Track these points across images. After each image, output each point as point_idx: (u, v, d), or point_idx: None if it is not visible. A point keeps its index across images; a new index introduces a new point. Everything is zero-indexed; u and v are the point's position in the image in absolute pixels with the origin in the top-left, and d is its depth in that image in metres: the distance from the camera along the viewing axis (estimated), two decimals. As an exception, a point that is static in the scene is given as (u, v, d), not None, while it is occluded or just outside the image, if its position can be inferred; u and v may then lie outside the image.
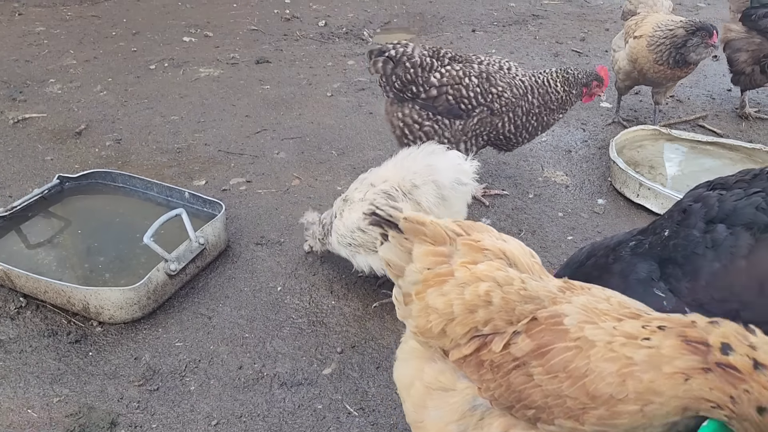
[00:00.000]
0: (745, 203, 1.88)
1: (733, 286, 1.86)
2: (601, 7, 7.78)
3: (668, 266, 1.98)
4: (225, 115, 4.99)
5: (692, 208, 2.00)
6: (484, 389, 1.71)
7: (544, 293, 1.70)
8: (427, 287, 1.77)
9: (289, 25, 6.94)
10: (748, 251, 1.83)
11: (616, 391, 1.51)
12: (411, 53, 3.65)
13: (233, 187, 4.10)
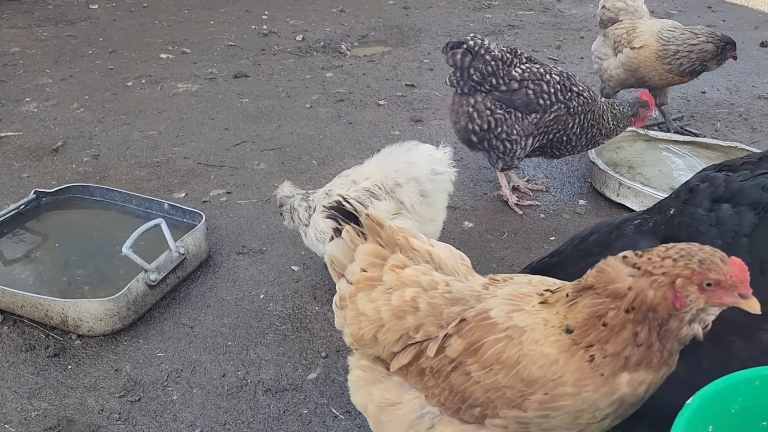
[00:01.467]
0: (751, 183, 1.86)
1: None
2: (575, 17, 7.90)
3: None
4: (204, 129, 4.97)
5: (699, 187, 1.98)
6: (430, 396, 1.72)
7: (468, 293, 1.71)
8: (359, 291, 1.78)
9: (267, 41, 6.95)
10: (751, 230, 1.82)
11: (549, 372, 1.51)
12: (490, 47, 3.70)
13: (213, 198, 4.07)
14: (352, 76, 6.04)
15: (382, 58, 6.56)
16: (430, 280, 1.73)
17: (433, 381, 1.69)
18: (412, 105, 5.45)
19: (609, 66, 4.76)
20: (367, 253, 1.80)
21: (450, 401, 1.68)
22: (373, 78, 6.01)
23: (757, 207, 1.83)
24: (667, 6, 8.10)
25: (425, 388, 1.72)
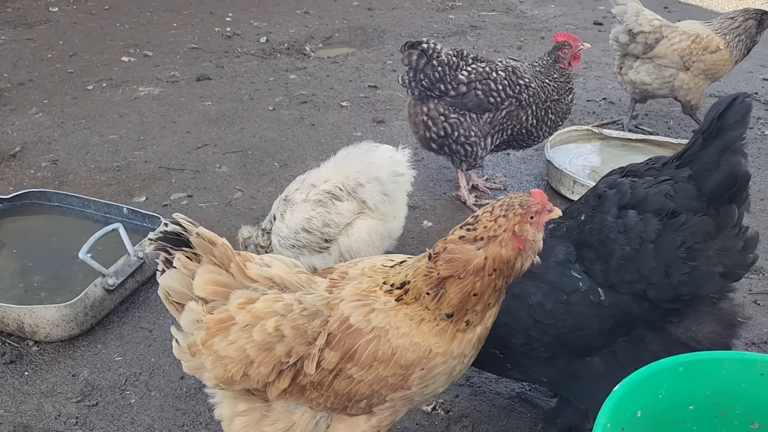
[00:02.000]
0: (655, 191, 1.96)
1: (641, 269, 1.95)
2: (536, 17, 8.03)
3: (584, 249, 2.06)
4: (165, 132, 4.96)
5: (606, 194, 2.08)
6: (315, 405, 1.82)
7: (320, 303, 1.79)
8: (212, 336, 1.73)
9: (231, 43, 6.95)
10: (656, 236, 1.92)
11: (422, 352, 1.76)
12: (439, 52, 3.72)
13: (174, 202, 4.07)
14: (316, 78, 6.08)
15: (345, 59, 6.61)
16: (285, 305, 1.75)
17: (316, 393, 1.79)
18: (374, 106, 5.51)
19: (684, 81, 4.62)
20: (206, 282, 1.71)
21: (336, 404, 1.81)
22: (336, 79, 6.06)
23: (661, 213, 1.93)
24: (626, 6, 8.27)
25: (308, 400, 1.81)
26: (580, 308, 2.02)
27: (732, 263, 1.95)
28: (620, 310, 2.00)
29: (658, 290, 1.94)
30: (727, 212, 1.93)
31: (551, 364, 2.17)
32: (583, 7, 8.31)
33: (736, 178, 1.90)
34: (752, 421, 1.77)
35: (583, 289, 2.02)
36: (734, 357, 1.74)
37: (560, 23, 7.73)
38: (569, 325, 2.04)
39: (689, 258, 1.90)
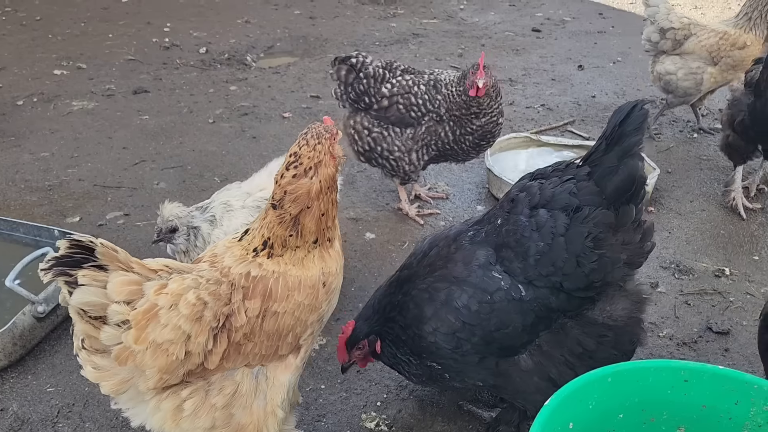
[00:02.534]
0: (560, 189, 2.12)
1: (555, 262, 2.09)
2: (477, 25, 8.16)
3: (503, 250, 2.19)
4: (101, 149, 4.82)
5: (519, 197, 2.23)
6: (252, 359, 2.00)
7: (216, 275, 1.97)
8: (144, 328, 1.79)
9: (169, 54, 6.82)
10: (565, 229, 2.07)
11: (318, 272, 2.05)
12: (367, 65, 3.69)
13: (110, 221, 3.96)
14: (257, 89, 6.02)
15: (287, 69, 6.57)
16: (193, 280, 1.90)
17: (251, 343, 1.96)
18: (317, 117, 5.48)
19: (710, 75, 4.72)
20: (121, 284, 1.77)
21: (270, 348, 2.00)
22: (278, 90, 6.01)
23: (567, 209, 2.09)
24: (562, 13, 8.50)
25: (245, 357, 1.98)
26: (504, 305, 2.15)
27: (633, 253, 2.14)
28: (540, 304, 2.14)
29: (573, 280, 2.09)
30: (625, 211, 2.09)
31: (482, 366, 2.26)
32: (521, 15, 8.49)
33: (634, 180, 2.07)
34: (679, 426, 1.83)
35: (504, 288, 2.14)
36: (659, 365, 1.80)
37: (500, 30, 7.88)
38: (494, 323, 2.16)
39: (596, 247, 2.06)
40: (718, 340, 3.07)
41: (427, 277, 2.30)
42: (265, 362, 2.05)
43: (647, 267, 3.56)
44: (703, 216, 4.05)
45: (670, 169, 4.57)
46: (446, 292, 2.20)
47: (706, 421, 1.78)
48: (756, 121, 3.78)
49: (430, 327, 2.22)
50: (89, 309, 1.77)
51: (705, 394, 1.76)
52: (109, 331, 1.78)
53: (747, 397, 1.72)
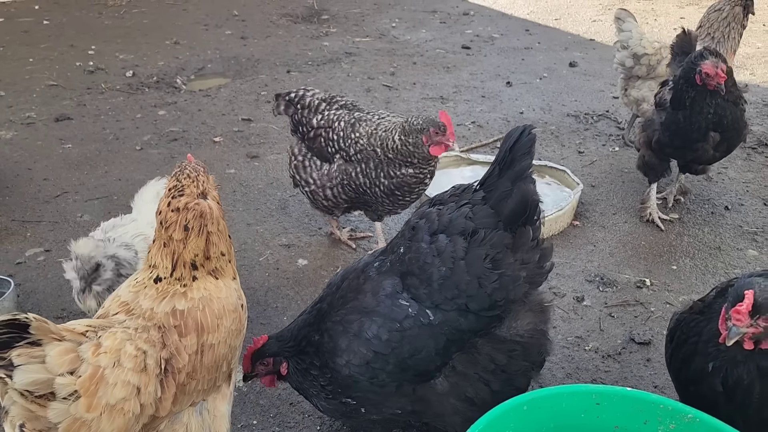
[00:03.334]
0: (457, 214, 2.19)
1: (459, 284, 2.15)
2: (409, 42, 8.27)
3: (408, 278, 2.25)
4: (19, 181, 4.63)
5: (419, 224, 2.29)
6: (196, 396, 2.01)
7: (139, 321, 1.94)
8: (94, 393, 1.73)
9: (93, 78, 6.63)
10: (465, 253, 2.14)
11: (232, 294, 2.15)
12: (306, 96, 3.69)
13: (29, 258, 3.81)
14: (187, 113, 5.92)
15: (218, 91, 6.49)
16: (123, 332, 1.86)
17: (194, 381, 1.97)
18: (248, 140, 5.44)
19: None
20: (60, 355, 1.68)
21: (210, 381, 2.03)
22: (208, 114, 5.93)
23: (465, 233, 2.16)
24: (491, 30, 8.71)
25: (190, 396, 1.98)
26: (414, 332, 2.19)
27: (533, 272, 2.22)
28: (450, 327, 2.19)
29: (477, 300, 2.15)
30: (522, 233, 2.18)
31: (400, 393, 2.30)
32: (452, 32, 8.65)
33: (527, 203, 2.16)
34: (595, 447, 1.89)
35: (413, 315, 2.19)
36: (572, 390, 1.85)
37: (431, 48, 8.01)
38: (407, 350, 2.20)
39: (495, 267, 2.14)
40: (640, 350, 3.19)
41: (340, 309, 2.33)
42: (205, 396, 2.08)
43: (573, 281, 3.68)
44: (625, 228, 4.21)
45: (594, 183, 4.73)
46: (357, 323, 2.25)
47: (619, 442, 1.84)
48: (675, 135, 3.93)
49: (343, 360, 2.26)
50: (35, 388, 1.65)
51: (616, 416, 1.82)
52: (58, 407, 1.68)
53: (654, 417, 1.80)
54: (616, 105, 6.15)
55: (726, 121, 3.82)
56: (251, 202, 4.52)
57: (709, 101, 3.75)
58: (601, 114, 5.95)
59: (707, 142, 3.89)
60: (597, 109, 6.07)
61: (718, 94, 3.70)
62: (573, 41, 8.19)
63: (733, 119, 3.84)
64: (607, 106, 6.15)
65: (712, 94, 3.72)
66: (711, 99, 3.74)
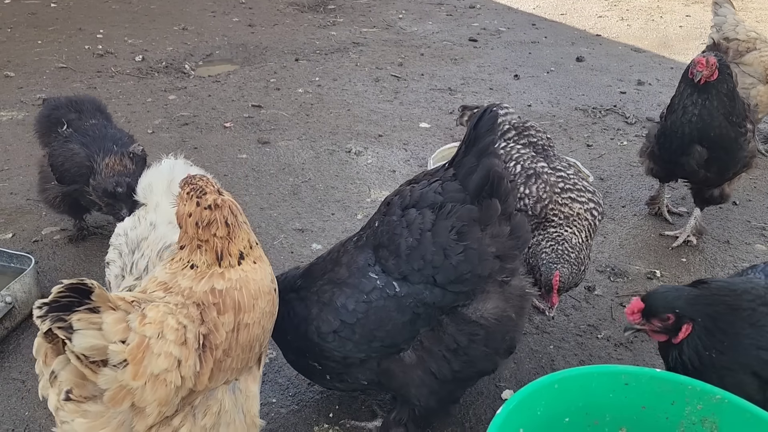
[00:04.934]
0: (427, 190, 2.28)
1: (425, 255, 2.22)
2: (416, 34, 8.28)
3: (379, 250, 2.33)
4: (33, 161, 4.61)
5: (393, 200, 2.39)
6: (230, 374, 2.04)
7: (178, 297, 1.98)
8: (141, 361, 1.76)
9: (103, 61, 6.62)
10: (432, 225, 2.22)
11: (267, 276, 2.18)
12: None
13: (46, 237, 3.82)
14: (197, 98, 5.93)
15: (227, 78, 6.50)
16: (164, 305, 1.90)
17: (230, 358, 2.00)
18: (259, 126, 5.45)
19: (760, 92, 4.74)
20: (115, 323, 1.72)
21: (243, 361, 2.06)
22: (218, 99, 5.94)
23: (434, 207, 2.24)
24: (498, 23, 8.74)
25: (225, 373, 2.02)
26: (380, 303, 2.27)
27: (503, 246, 2.28)
28: (415, 300, 2.25)
29: (443, 272, 2.21)
30: (489, 205, 2.24)
31: (366, 366, 2.38)
32: (458, 25, 8.67)
33: (490, 176, 2.23)
34: (620, 426, 1.94)
35: (380, 286, 2.27)
36: (602, 370, 1.90)
37: (438, 40, 8.03)
38: (373, 320, 2.28)
39: (460, 239, 2.20)
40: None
41: (318, 280, 2.43)
42: (238, 376, 2.11)
43: (585, 271, 3.72)
44: (634, 221, 4.26)
45: (603, 176, 4.78)
46: (328, 294, 2.35)
47: (645, 421, 1.89)
48: (663, 147, 3.77)
49: (313, 326, 2.35)
50: (91, 353, 1.68)
51: (644, 396, 1.87)
52: (108, 374, 1.71)
53: (682, 397, 1.84)
54: (624, 100, 6.20)
55: (712, 132, 3.53)
56: (263, 187, 4.54)
57: (695, 100, 3.51)
58: (609, 108, 6.00)
59: (691, 156, 3.63)
60: (605, 103, 6.12)
61: (707, 97, 3.48)
62: (579, 36, 8.23)
63: (720, 133, 3.54)
64: (614, 100, 6.19)
65: (700, 93, 3.50)
66: (698, 97, 3.51)
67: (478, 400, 2.83)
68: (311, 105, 5.93)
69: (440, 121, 5.68)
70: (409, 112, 5.86)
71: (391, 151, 5.14)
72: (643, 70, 7.07)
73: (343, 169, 4.80)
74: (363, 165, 4.88)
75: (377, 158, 5.00)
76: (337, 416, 2.74)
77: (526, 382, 2.92)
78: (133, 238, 2.68)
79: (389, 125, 5.58)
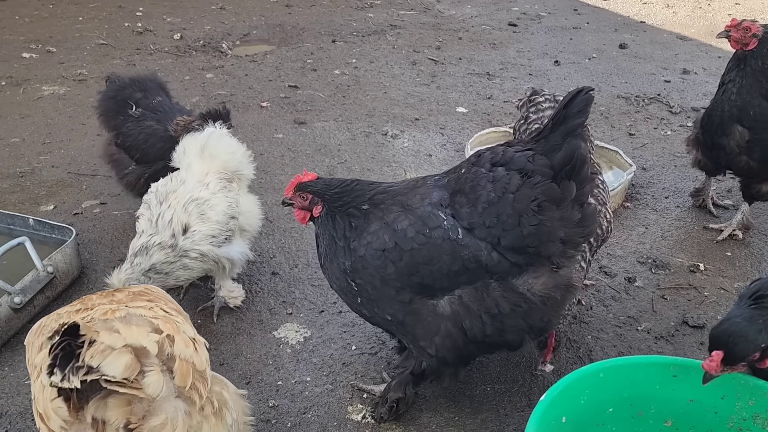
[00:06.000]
0: (520, 155, 2.29)
1: (501, 214, 2.23)
2: (454, 18, 8.17)
3: (457, 195, 2.34)
4: (74, 135, 4.70)
5: (484, 154, 2.38)
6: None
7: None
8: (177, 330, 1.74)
9: (142, 39, 6.66)
10: (516, 189, 2.23)
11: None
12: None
13: (86, 210, 3.87)
14: (234, 77, 5.94)
15: (264, 57, 6.49)
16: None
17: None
18: (295, 107, 5.44)
19: None
20: (110, 333, 1.62)
21: None
22: (255, 79, 5.94)
23: (523, 172, 2.24)
24: (538, 8, 8.56)
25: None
26: (437, 242, 2.27)
27: (570, 233, 2.29)
28: (472, 254, 2.26)
29: (510, 237, 2.23)
30: (566, 186, 2.25)
31: (398, 299, 2.36)
32: (497, 9, 8.52)
33: (573, 157, 2.23)
34: (666, 419, 1.88)
35: (445, 227, 2.28)
36: (649, 361, 1.84)
37: (477, 24, 7.90)
38: (423, 254, 2.28)
39: (539, 212, 2.22)
40: (694, 333, 3.15)
41: (388, 199, 2.42)
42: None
43: (624, 262, 3.64)
44: (677, 212, 4.14)
45: (645, 166, 4.66)
46: (394, 215, 2.35)
47: (692, 415, 1.83)
48: (705, 130, 3.67)
49: (365, 240, 2.34)
50: (130, 371, 1.56)
51: (692, 389, 1.81)
52: (153, 376, 1.60)
53: (733, 392, 1.78)
54: (669, 89, 6.03)
55: (752, 111, 3.40)
56: (299, 167, 4.52)
57: (734, 77, 3.42)
58: (653, 97, 5.83)
59: (731, 137, 3.50)
60: (648, 92, 5.95)
61: (745, 73, 3.37)
62: (623, 23, 8.02)
63: (761, 112, 3.40)
64: (658, 89, 6.02)
65: (740, 69, 3.40)
66: (738, 74, 3.41)
67: (513, 388, 2.79)
68: (348, 87, 5.89)
69: (478, 106, 5.59)
70: (446, 96, 5.78)
71: (427, 134, 5.08)
72: (689, 58, 6.86)
73: (379, 152, 4.76)
74: (399, 148, 4.83)
75: (413, 142, 4.95)
76: (370, 398, 2.72)
77: (563, 371, 2.89)
78: (162, 192, 2.93)
79: (426, 109, 5.51)
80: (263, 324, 3.10)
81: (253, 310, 3.18)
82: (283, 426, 2.57)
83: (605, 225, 2.96)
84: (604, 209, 2.99)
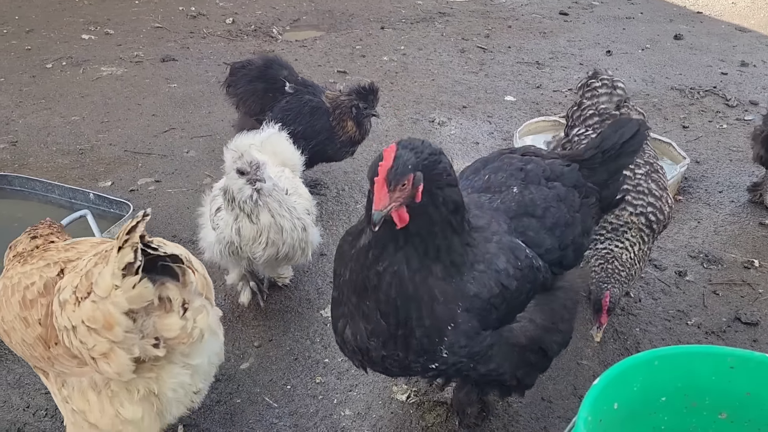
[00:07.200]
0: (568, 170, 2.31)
1: (575, 237, 2.18)
2: (504, 6, 8.07)
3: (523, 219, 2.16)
4: (130, 115, 4.84)
5: (527, 168, 2.30)
6: None
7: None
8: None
9: (196, 23, 6.79)
10: (579, 207, 2.24)
11: None
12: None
13: (141, 187, 3.99)
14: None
15: (314, 43, 6.54)
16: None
17: None
18: (344, 92, 5.47)
19: None
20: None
21: None
22: (305, 64, 5.99)
23: (578, 189, 2.28)
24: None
25: None
26: (527, 273, 2.01)
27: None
28: (543, 277, 2.09)
29: (575, 255, 2.21)
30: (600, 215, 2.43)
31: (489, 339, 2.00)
32: (549, -3, 8.39)
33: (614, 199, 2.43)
34: (720, 411, 1.85)
35: (530, 255, 2.04)
36: (706, 351, 1.82)
37: (527, 12, 7.80)
38: (517, 288, 1.99)
39: (590, 233, 2.32)
40: (746, 330, 3.08)
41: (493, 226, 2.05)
42: None
43: (675, 255, 3.57)
44: (732, 207, 4.04)
45: (699, 159, 4.55)
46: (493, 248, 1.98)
47: (749, 408, 1.80)
48: None
49: (472, 290, 1.90)
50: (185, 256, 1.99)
51: (750, 382, 1.78)
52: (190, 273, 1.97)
53: (793, 386, 1.74)
54: (725, 81, 5.86)
55: None
56: (347, 151, 4.56)
57: None
58: (708, 90, 5.68)
59: None
60: (704, 84, 5.80)
61: None
62: (678, 13, 7.80)
63: None
64: (714, 81, 5.85)
65: None
66: None
67: (559, 375, 2.78)
68: (396, 73, 5.90)
69: (526, 95, 5.54)
70: (494, 85, 5.74)
71: (474, 122, 5.06)
72: (748, 50, 6.64)
73: (426, 138, 4.76)
74: (446, 135, 4.82)
75: (461, 129, 4.93)
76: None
77: (609, 361, 2.87)
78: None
79: (473, 97, 5.48)
80: (311, 303, 3.15)
81: (301, 289, 3.24)
82: (330, 402, 2.62)
83: (667, 210, 2.88)
84: (665, 194, 2.92)
